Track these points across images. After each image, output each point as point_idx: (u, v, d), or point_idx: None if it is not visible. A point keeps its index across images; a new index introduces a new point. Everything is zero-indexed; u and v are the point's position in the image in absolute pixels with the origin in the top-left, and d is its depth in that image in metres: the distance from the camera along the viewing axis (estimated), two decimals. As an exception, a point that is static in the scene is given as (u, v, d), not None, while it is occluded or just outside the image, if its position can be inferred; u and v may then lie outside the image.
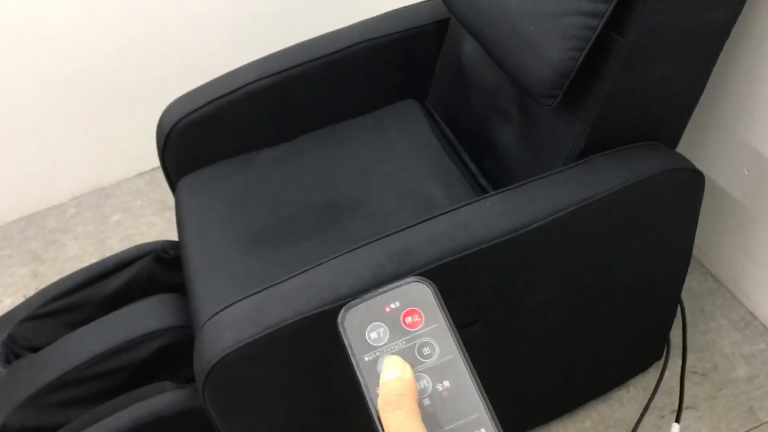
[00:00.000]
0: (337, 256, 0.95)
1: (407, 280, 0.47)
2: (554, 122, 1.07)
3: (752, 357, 1.38)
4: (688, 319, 1.45)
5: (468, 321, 1.00)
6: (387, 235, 0.96)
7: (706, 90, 1.29)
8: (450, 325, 0.46)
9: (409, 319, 0.46)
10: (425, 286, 0.47)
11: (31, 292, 1.73)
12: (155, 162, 2.01)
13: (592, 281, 1.07)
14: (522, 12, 0.99)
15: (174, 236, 1.74)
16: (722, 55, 1.25)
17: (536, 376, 1.19)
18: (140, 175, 2.02)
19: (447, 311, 0.46)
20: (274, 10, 1.88)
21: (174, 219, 1.35)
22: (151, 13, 1.76)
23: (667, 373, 1.37)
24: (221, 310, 0.93)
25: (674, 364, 1.38)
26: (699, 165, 1.42)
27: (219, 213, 1.24)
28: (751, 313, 1.44)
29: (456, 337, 0.45)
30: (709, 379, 1.35)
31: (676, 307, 1.26)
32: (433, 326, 0.46)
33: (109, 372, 1.15)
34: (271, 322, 0.88)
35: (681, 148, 1.46)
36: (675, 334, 1.43)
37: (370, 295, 0.47)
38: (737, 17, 0.98)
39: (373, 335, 0.46)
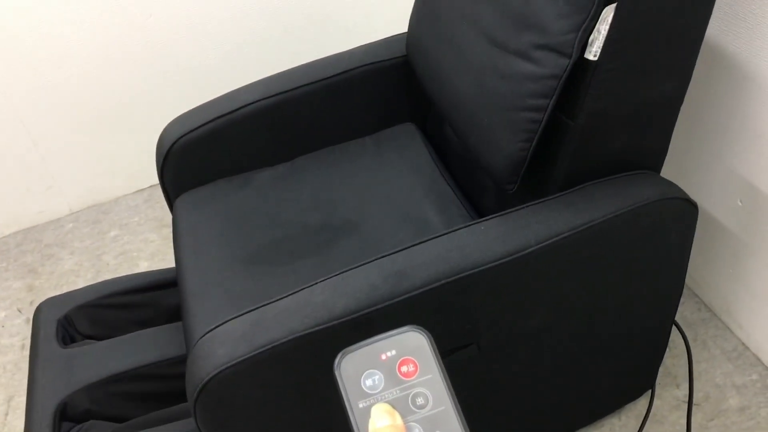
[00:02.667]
0: (332, 276, 0.95)
1: (404, 329, 0.48)
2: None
3: (744, 387, 1.38)
4: (680, 348, 1.45)
5: (461, 344, 1.01)
6: (382, 257, 0.97)
7: (700, 121, 1.31)
8: (444, 375, 0.46)
9: (404, 368, 0.47)
10: (421, 335, 0.48)
11: (25, 306, 1.73)
12: (154, 179, 2.02)
13: (585, 308, 1.08)
14: (477, 103, 1.06)
15: (171, 254, 1.75)
16: (715, 85, 1.27)
17: (528, 401, 1.19)
18: (139, 191, 2.03)
19: (441, 361, 0.47)
20: (276, 33, 1.91)
21: (171, 236, 1.36)
22: (153, 31, 1.78)
23: (658, 402, 1.37)
24: (215, 328, 0.93)
25: (666, 393, 1.38)
26: (693, 195, 1.44)
27: (216, 231, 1.25)
28: (744, 344, 1.45)
29: (449, 389, 0.46)
30: (701, 409, 1.35)
31: (669, 336, 1.26)
32: (427, 376, 0.46)
33: (180, 375, 1.17)
34: (264, 340, 0.88)
35: (675, 178, 1.47)
36: (668, 363, 1.43)
37: (366, 342, 0.48)
38: (687, 86, 1.02)
39: (369, 382, 0.46)
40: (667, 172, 1.48)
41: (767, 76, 1.15)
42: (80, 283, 1.77)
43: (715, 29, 1.22)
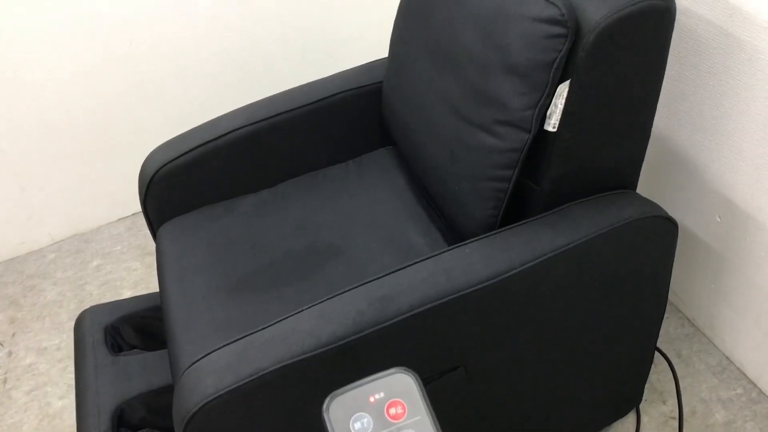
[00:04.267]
0: (317, 303, 0.95)
1: (391, 371, 0.49)
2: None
3: (729, 402, 1.39)
4: (665, 364, 1.46)
5: (449, 367, 1.01)
6: (367, 282, 0.97)
7: (678, 141, 1.34)
8: (432, 417, 0.47)
9: (392, 411, 0.47)
10: (409, 376, 0.48)
11: (7, 339, 1.71)
12: (136, 207, 2.02)
13: (570, 327, 1.09)
14: (448, 171, 1.12)
15: (155, 282, 1.73)
16: (693, 107, 1.29)
17: (516, 422, 1.19)
18: (121, 219, 2.02)
19: (429, 402, 0.48)
20: (257, 60, 1.92)
21: (155, 264, 1.35)
22: (134, 59, 1.78)
23: (645, 419, 1.38)
24: (201, 358, 0.93)
25: (653, 409, 1.39)
26: (673, 212, 1.46)
27: (200, 259, 1.25)
28: (728, 358, 1.46)
29: (437, 430, 0.47)
30: (688, 424, 1.36)
31: (654, 353, 1.27)
32: (416, 418, 0.47)
33: None
34: (251, 370, 0.88)
35: (654, 195, 1.49)
36: (653, 379, 1.44)
37: (355, 384, 0.48)
38: (647, 143, 1.08)
39: (357, 425, 0.46)
40: (647, 188, 1.50)
41: (743, 93, 1.18)
42: (63, 315, 1.76)
43: (691, 49, 1.24)
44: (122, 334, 1.31)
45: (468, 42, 1.04)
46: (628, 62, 0.95)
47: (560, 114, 0.96)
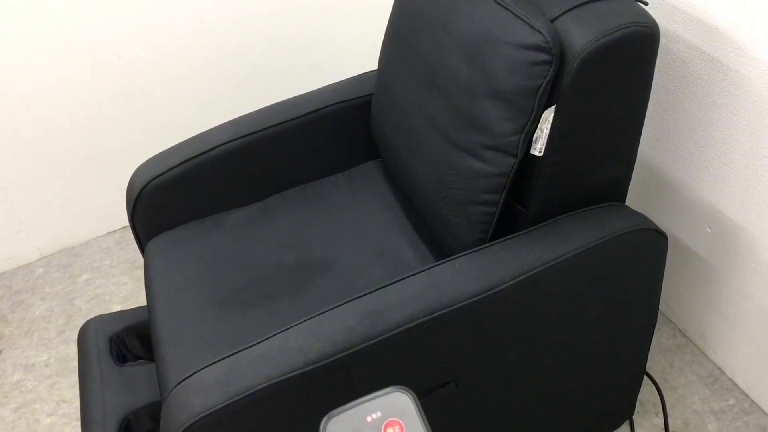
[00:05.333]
0: (306, 320, 0.95)
1: (388, 390, 0.48)
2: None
3: (722, 413, 1.39)
4: (657, 375, 1.46)
5: (439, 383, 1.00)
6: (357, 297, 0.97)
7: (668, 152, 1.34)
8: None
9: (390, 430, 0.47)
10: (406, 396, 0.48)
11: (-6, 355, 1.69)
12: (125, 220, 2.00)
13: (561, 340, 1.08)
14: (437, 193, 1.12)
15: (144, 296, 1.72)
16: (682, 120, 1.30)
17: (508, 437, 1.18)
18: (110, 233, 2.01)
19: (427, 421, 0.47)
20: (245, 72, 1.92)
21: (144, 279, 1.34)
22: (122, 72, 1.78)
23: (639, 431, 1.37)
24: (189, 376, 0.92)
25: (646, 421, 1.39)
26: (662, 223, 1.46)
27: (188, 274, 1.24)
28: (719, 368, 1.46)
29: None
30: (680, 435, 1.36)
31: (645, 364, 1.27)
32: None
33: None
34: (240, 388, 0.87)
35: (643, 206, 1.49)
36: (646, 390, 1.44)
37: (352, 404, 0.48)
38: (633, 166, 1.09)
39: None
40: (636, 200, 1.51)
41: (730, 105, 1.18)
42: (51, 330, 1.74)
43: (678, 59, 1.25)
44: (127, 344, 1.31)
45: (454, 66, 1.04)
46: (612, 87, 0.96)
47: (546, 139, 0.97)
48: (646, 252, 1.07)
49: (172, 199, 1.32)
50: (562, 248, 0.98)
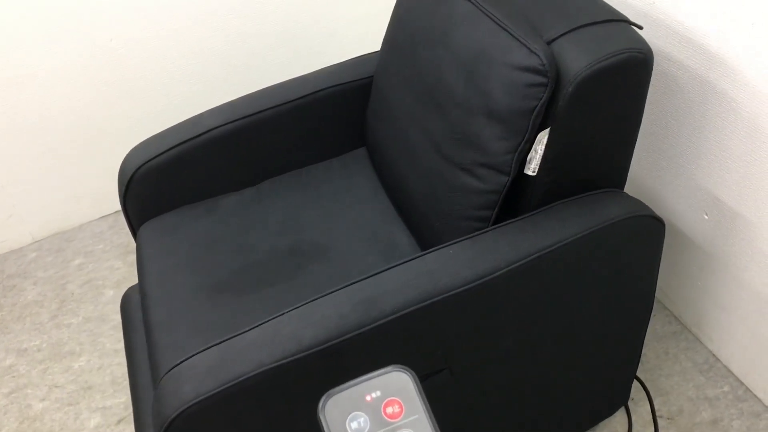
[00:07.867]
0: (299, 306, 0.94)
1: (388, 369, 0.48)
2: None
3: (716, 400, 1.38)
4: (652, 362, 1.46)
5: (434, 369, 1.00)
6: (351, 284, 0.96)
7: (665, 138, 1.33)
8: (429, 415, 0.46)
9: (389, 410, 0.46)
10: (406, 375, 0.47)
11: (-14, 340, 1.68)
12: (118, 204, 1.99)
13: (557, 326, 1.08)
14: (429, 206, 1.13)
15: (137, 281, 1.71)
16: (681, 105, 1.28)
17: (503, 423, 1.18)
18: (103, 217, 1.99)
19: (427, 401, 0.47)
20: (241, 55, 1.89)
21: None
22: (115, 55, 1.75)
23: (633, 417, 1.37)
24: (181, 362, 0.91)
25: (641, 408, 1.39)
26: (659, 210, 1.45)
27: (181, 259, 1.23)
28: (714, 356, 1.46)
29: (435, 429, 0.46)
30: (674, 423, 1.36)
31: (641, 351, 1.26)
32: (413, 417, 0.46)
33: None
34: (232, 374, 0.86)
35: (641, 193, 1.48)
36: (642, 377, 1.43)
37: (350, 383, 0.47)
38: (625, 181, 1.11)
39: (354, 425, 0.45)
40: (633, 186, 1.50)
41: (729, 91, 1.17)
42: (44, 315, 1.73)
43: (674, 48, 1.23)
44: None
45: (452, 83, 1.05)
46: (606, 111, 0.97)
47: (540, 160, 0.98)
48: (642, 238, 1.06)
49: (165, 183, 1.31)
50: (558, 234, 0.98)
